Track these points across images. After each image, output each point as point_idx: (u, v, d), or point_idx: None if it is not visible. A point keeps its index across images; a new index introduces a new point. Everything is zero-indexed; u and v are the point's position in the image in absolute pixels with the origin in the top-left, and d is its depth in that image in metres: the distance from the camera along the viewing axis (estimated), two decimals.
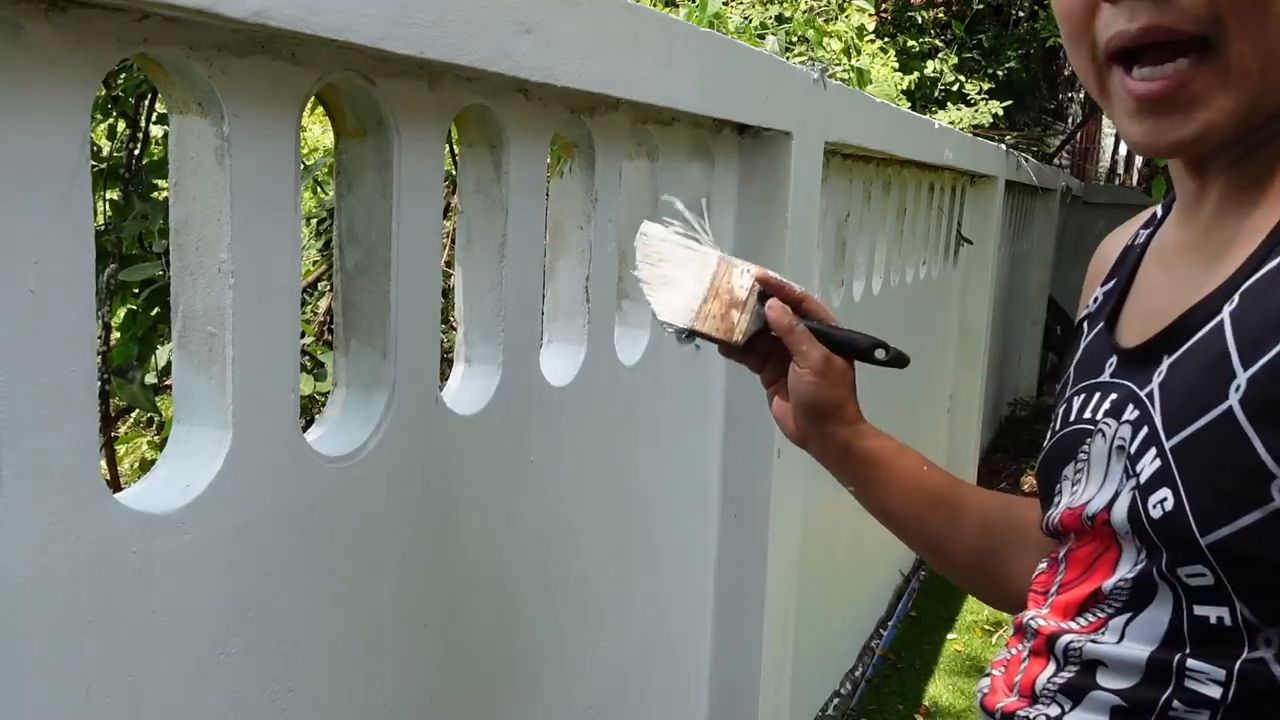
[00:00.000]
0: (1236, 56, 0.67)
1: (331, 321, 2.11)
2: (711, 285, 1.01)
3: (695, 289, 1.01)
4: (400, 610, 1.19)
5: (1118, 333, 0.84)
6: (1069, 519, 0.80)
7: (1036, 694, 0.78)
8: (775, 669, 2.20)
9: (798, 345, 1.00)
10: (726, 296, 1.01)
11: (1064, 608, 0.78)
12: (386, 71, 1.06)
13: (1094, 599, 0.76)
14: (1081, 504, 0.78)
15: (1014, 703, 0.79)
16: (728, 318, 1.01)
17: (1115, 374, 0.80)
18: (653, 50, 1.43)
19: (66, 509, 0.79)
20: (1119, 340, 0.83)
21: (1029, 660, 0.80)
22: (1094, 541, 0.77)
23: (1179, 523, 0.67)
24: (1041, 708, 0.77)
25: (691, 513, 1.99)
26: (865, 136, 2.57)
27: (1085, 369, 0.86)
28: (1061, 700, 0.76)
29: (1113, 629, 0.74)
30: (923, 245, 3.91)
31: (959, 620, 4.30)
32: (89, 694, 0.83)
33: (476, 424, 1.29)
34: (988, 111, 7.38)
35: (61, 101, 0.76)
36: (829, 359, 1.00)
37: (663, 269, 1.02)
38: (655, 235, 1.04)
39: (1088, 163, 15.08)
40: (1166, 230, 0.86)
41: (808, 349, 1.00)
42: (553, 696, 1.56)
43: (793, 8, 5.17)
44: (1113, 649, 0.73)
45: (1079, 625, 0.76)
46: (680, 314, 1.01)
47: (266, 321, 0.96)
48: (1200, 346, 0.71)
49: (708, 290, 1.01)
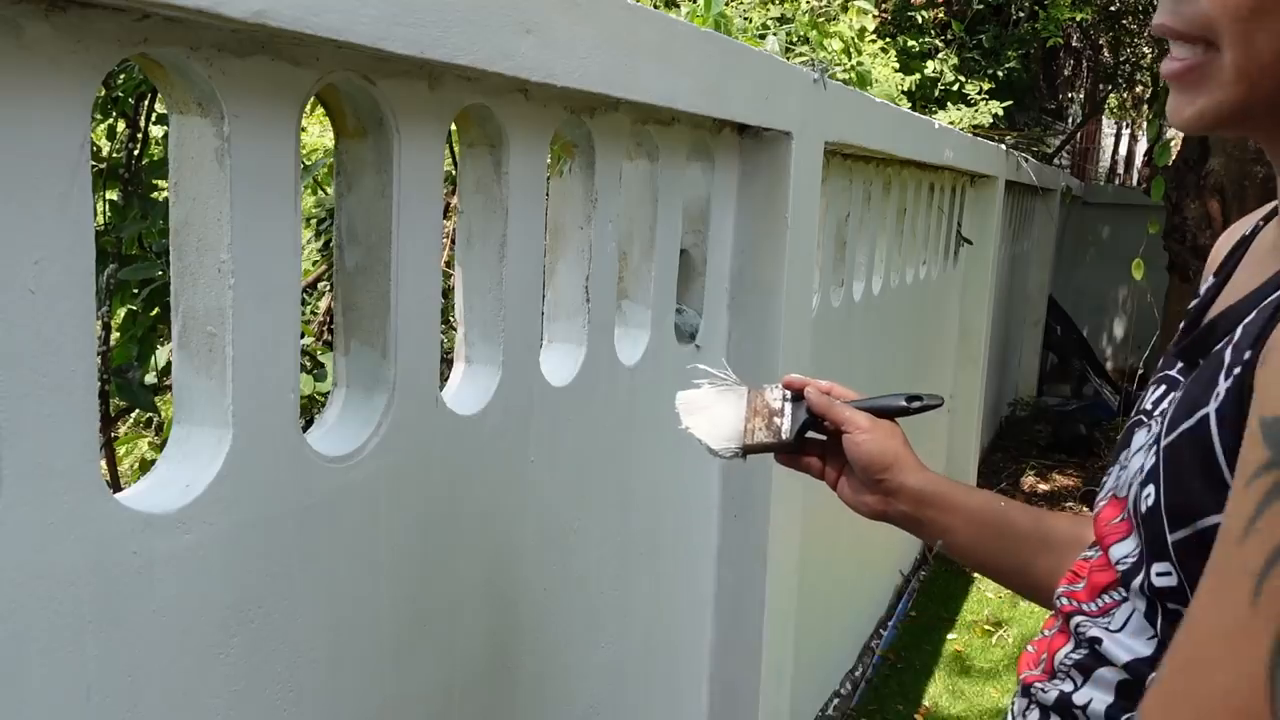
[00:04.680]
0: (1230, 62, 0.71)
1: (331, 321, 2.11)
2: (750, 407, 1.12)
3: (736, 415, 1.12)
4: (400, 610, 1.19)
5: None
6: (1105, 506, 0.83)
7: (1055, 668, 0.81)
8: (775, 669, 2.20)
9: (842, 414, 1.08)
10: (765, 410, 1.12)
11: (1091, 588, 0.81)
12: (386, 71, 1.06)
13: (1111, 585, 0.79)
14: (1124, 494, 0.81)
15: (1035, 675, 0.83)
16: (773, 425, 1.11)
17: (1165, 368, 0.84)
18: (653, 50, 1.43)
19: (66, 509, 0.79)
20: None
21: (1055, 635, 0.84)
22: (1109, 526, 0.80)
23: (1156, 519, 0.71)
24: (1058, 682, 0.80)
25: (691, 513, 1.99)
26: (865, 136, 2.57)
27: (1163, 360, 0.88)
28: (1075, 676, 0.79)
29: (1120, 615, 0.77)
30: (923, 245, 3.91)
31: (959, 620, 4.30)
32: (89, 694, 0.83)
33: (476, 424, 1.29)
34: (988, 111, 7.38)
35: (61, 101, 0.76)
36: (873, 418, 1.08)
37: (704, 414, 1.12)
38: (690, 393, 1.14)
39: (1088, 163, 15.08)
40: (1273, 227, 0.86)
41: (850, 414, 1.08)
42: (553, 696, 1.56)
43: (794, 8, 5.16)
44: (1111, 635, 0.76)
45: (1095, 607, 0.79)
46: (732, 439, 1.10)
47: (266, 321, 0.96)
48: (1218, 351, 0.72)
49: (747, 411, 1.12)
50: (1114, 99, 12.74)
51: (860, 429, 1.06)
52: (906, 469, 1.06)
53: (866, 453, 1.06)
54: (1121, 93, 12.26)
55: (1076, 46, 10.75)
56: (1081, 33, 10.20)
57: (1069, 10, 8.10)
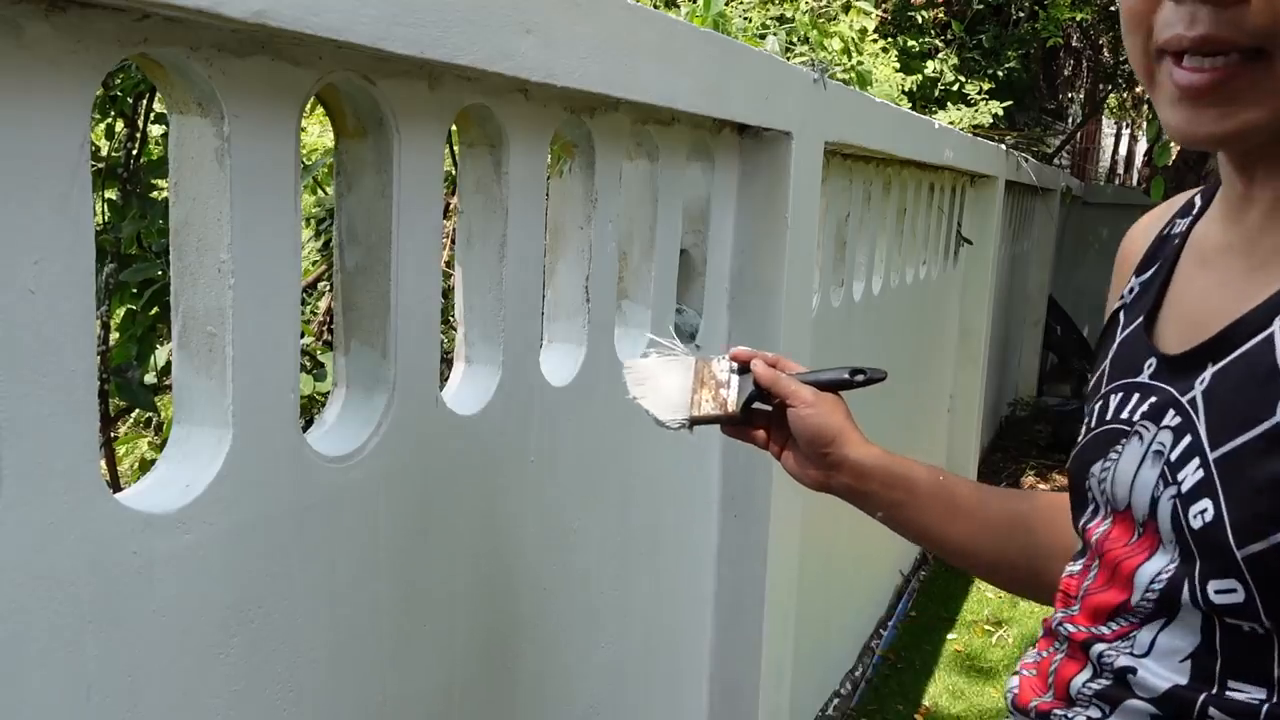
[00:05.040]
0: None
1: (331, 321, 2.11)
2: (696, 378, 1.13)
3: (683, 386, 1.13)
4: (400, 610, 1.19)
5: (1157, 334, 0.83)
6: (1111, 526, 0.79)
7: (1073, 696, 0.79)
8: (775, 669, 2.20)
9: (787, 388, 1.08)
10: (712, 381, 1.12)
11: (1092, 612, 0.79)
12: (386, 71, 1.06)
13: (1123, 607, 0.76)
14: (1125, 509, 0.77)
15: (1050, 702, 0.80)
16: (719, 397, 1.12)
17: (1155, 377, 0.79)
18: (653, 50, 1.43)
19: (66, 509, 0.79)
20: (1158, 342, 0.82)
21: (1062, 660, 0.81)
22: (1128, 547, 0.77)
23: (1217, 535, 0.68)
24: (1080, 709, 0.78)
25: (691, 513, 1.99)
26: (865, 136, 2.57)
27: (1122, 366, 0.85)
28: (1099, 704, 0.76)
29: (1142, 639, 0.74)
30: (923, 245, 3.91)
31: (959, 620, 4.30)
32: (89, 694, 0.83)
33: (476, 424, 1.29)
34: (988, 111, 7.38)
35: (61, 101, 0.76)
36: (818, 392, 1.09)
37: (650, 384, 1.13)
38: (637, 363, 1.15)
39: (1088, 163, 15.08)
40: (1208, 227, 0.84)
41: (796, 388, 1.08)
42: (553, 696, 1.56)
43: (794, 8, 5.16)
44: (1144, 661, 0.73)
45: (1108, 631, 0.77)
46: (678, 409, 1.12)
47: (266, 321, 0.96)
48: (1248, 358, 0.70)
49: (694, 383, 1.12)
50: (1114, 99, 12.74)
51: (805, 403, 1.07)
52: (850, 443, 1.06)
53: (810, 426, 1.06)
54: (1121, 93, 12.26)
55: (1076, 46, 10.75)
56: (1081, 33, 10.20)
57: (1069, 10, 8.10)
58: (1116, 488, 0.78)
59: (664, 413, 1.11)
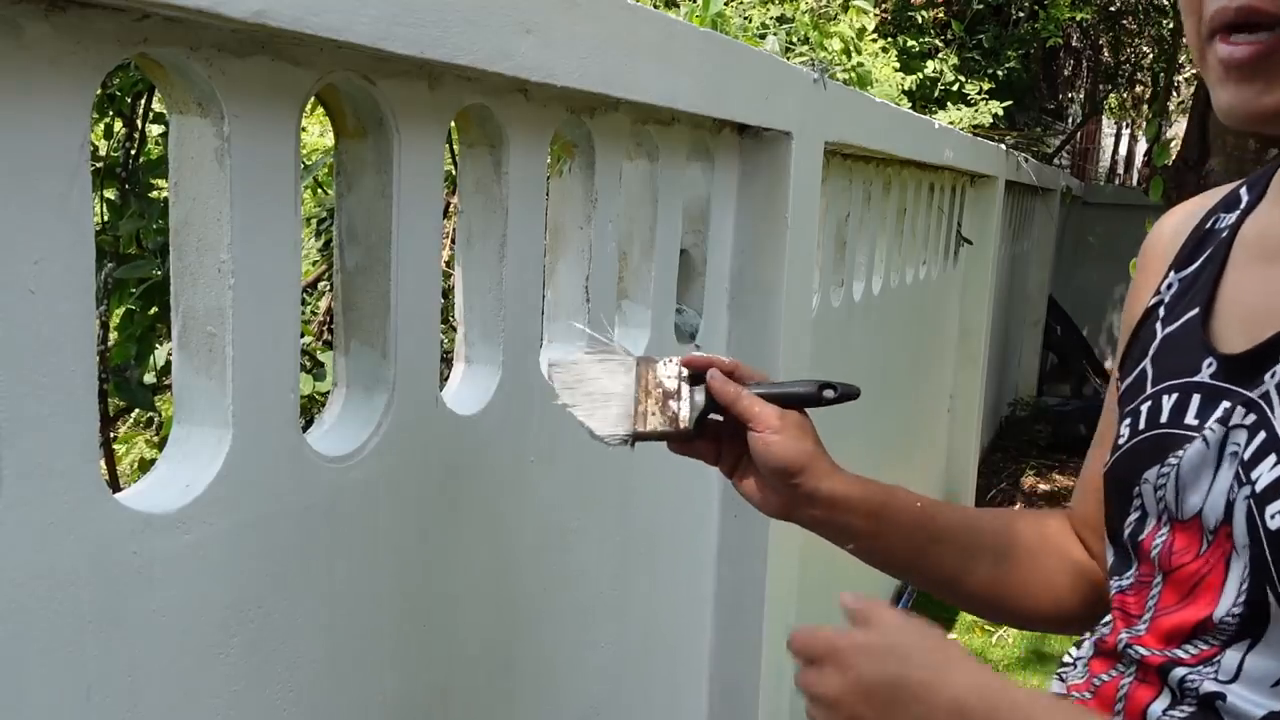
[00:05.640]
0: None
1: (331, 321, 2.11)
2: (639, 385, 0.96)
3: (624, 394, 0.96)
4: (400, 610, 1.19)
5: (1213, 331, 0.79)
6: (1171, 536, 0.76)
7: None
8: (775, 669, 2.20)
9: (749, 409, 0.93)
10: (658, 390, 0.96)
11: (1166, 634, 0.74)
12: (386, 71, 1.06)
13: (1203, 627, 0.72)
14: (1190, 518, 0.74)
15: None
16: (668, 409, 0.96)
17: (1217, 376, 0.76)
18: (653, 50, 1.43)
19: (66, 509, 0.79)
20: (1216, 340, 0.78)
21: (1132, 685, 0.76)
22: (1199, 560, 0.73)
23: None
24: None
25: (691, 512, 1.99)
26: (865, 136, 2.57)
27: (1171, 365, 0.80)
28: None
29: (1228, 663, 0.70)
30: (923, 245, 3.91)
31: (959, 620, 4.30)
32: (89, 694, 0.82)
33: (476, 424, 1.29)
34: (988, 111, 7.38)
35: (61, 101, 0.76)
36: (783, 413, 0.94)
37: (585, 388, 0.97)
38: (566, 361, 0.98)
39: (1088, 163, 15.08)
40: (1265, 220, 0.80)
41: (759, 410, 0.93)
42: (553, 696, 1.56)
43: (794, 8, 5.16)
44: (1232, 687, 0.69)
45: (1188, 655, 0.72)
46: (620, 423, 0.96)
47: (266, 321, 0.96)
48: None
49: (637, 391, 0.96)
50: (1114, 99, 12.74)
51: (770, 428, 0.92)
52: (820, 473, 0.93)
53: (776, 456, 0.92)
54: (1121, 93, 12.26)
55: (1076, 46, 10.75)
56: (1081, 33, 10.20)
57: (1069, 10, 8.11)
58: (1181, 494, 0.74)
59: (601, 425, 0.96)
